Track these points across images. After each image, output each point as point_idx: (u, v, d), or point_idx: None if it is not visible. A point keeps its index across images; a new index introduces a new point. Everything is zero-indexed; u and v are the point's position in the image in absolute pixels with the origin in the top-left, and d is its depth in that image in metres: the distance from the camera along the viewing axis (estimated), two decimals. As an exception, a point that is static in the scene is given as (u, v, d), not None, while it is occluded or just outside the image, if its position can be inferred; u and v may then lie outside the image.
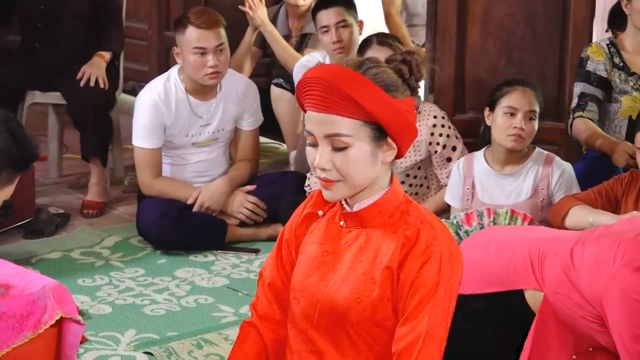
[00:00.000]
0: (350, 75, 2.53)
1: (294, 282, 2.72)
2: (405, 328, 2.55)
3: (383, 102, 2.53)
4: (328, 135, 2.53)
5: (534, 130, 4.52)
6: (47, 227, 5.50)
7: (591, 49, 4.96)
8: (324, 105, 2.52)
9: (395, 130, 2.56)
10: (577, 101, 4.89)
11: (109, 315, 4.62)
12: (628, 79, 4.96)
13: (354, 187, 2.59)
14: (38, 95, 6.10)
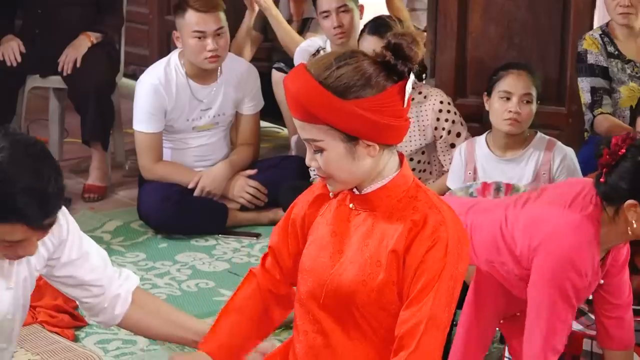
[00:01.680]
0: (308, 85, 2.54)
1: (303, 262, 2.74)
2: (409, 312, 2.57)
3: (334, 109, 2.53)
4: (306, 139, 2.60)
5: (530, 114, 4.51)
6: (48, 211, 5.49)
7: (586, 42, 4.97)
8: (295, 112, 2.59)
9: (360, 132, 2.56)
10: (591, 97, 4.90)
11: (110, 298, 4.62)
12: (624, 67, 4.97)
13: (344, 182, 2.63)
14: (38, 80, 6.12)
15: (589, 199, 3.32)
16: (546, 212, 3.41)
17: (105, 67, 5.98)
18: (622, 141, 3.25)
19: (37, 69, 6.04)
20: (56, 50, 5.90)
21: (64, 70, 5.87)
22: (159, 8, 7.09)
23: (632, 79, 4.95)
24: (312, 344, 2.70)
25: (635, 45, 5.00)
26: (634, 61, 4.96)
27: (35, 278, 2.88)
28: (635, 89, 4.86)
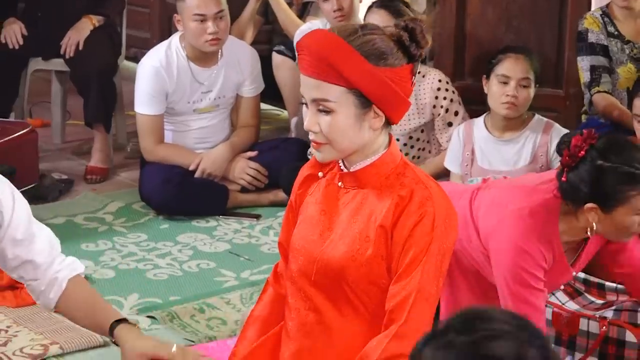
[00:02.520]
0: (336, 44, 2.56)
1: (294, 241, 2.76)
2: (398, 286, 2.59)
3: (365, 71, 2.55)
4: (315, 99, 2.59)
5: (528, 98, 4.54)
6: (50, 193, 5.53)
7: (587, 21, 4.97)
8: (312, 70, 2.57)
9: (378, 99, 2.59)
10: (590, 75, 4.90)
11: (113, 279, 4.66)
12: (624, 47, 4.97)
13: (341, 150, 2.63)
14: (41, 62, 6.12)
15: (552, 188, 3.33)
16: (505, 196, 3.43)
17: (107, 50, 5.99)
18: (582, 142, 3.21)
19: (39, 51, 6.05)
20: (58, 33, 5.91)
21: (66, 53, 5.89)
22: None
23: (631, 59, 4.96)
24: (304, 321, 2.72)
25: (634, 26, 5.00)
26: (633, 42, 4.97)
27: None
28: (632, 71, 4.87)
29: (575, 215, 3.31)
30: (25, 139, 5.47)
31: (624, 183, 3.18)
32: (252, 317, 2.90)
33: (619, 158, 3.18)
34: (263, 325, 2.86)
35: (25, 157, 5.42)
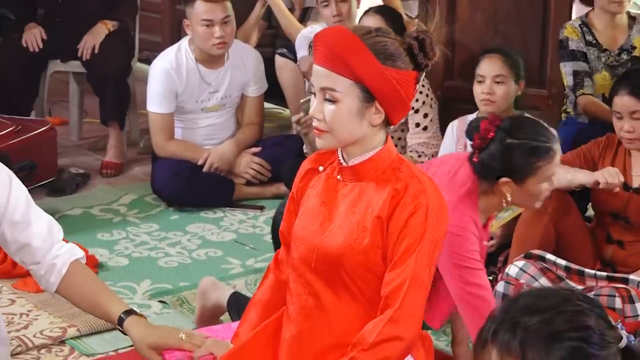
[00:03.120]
0: (350, 39, 2.57)
1: (295, 230, 2.76)
2: (393, 273, 2.59)
3: (372, 67, 2.56)
4: (323, 88, 2.59)
5: (505, 93, 4.48)
6: (68, 186, 5.53)
7: (567, 30, 4.98)
8: (324, 61, 2.58)
9: (382, 95, 2.59)
10: (573, 80, 4.91)
11: (126, 267, 4.66)
12: (600, 55, 4.98)
13: (340, 140, 2.63)
14: (59, 65, 6.13)
15: (467, 173, 3.39)
16: None
17: (121, 53, 5.99)
18: (490, 124, 3.35)
19: (58, 54, 6.06)
20: (76, 37, 5.91)
21: (83, 55, 5.89)
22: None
23: (606, 67, 4.97)
24: (304, 305, 2.71)
25: (611, 36, 5.01)
26: (609, 50, 4.97)
27: None
28: (607, 78, 4.88)
29: (492, 191, 3.39)
30: (45, 136, 5.47)
31: (531, 156, 3.31)
32: (254, 301, 2.90)
33: (523, 134, 3.34)
34: (264, 309, 2.86)
35: (45, 153, 5.41)
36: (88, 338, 3.98)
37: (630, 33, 5.00)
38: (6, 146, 5.11)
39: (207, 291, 3.99)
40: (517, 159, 3.33)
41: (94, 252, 4.71)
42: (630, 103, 3.99)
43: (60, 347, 3.91)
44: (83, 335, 3.98)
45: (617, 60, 4.98)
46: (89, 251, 4.67)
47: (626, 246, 4.13)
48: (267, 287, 2.89)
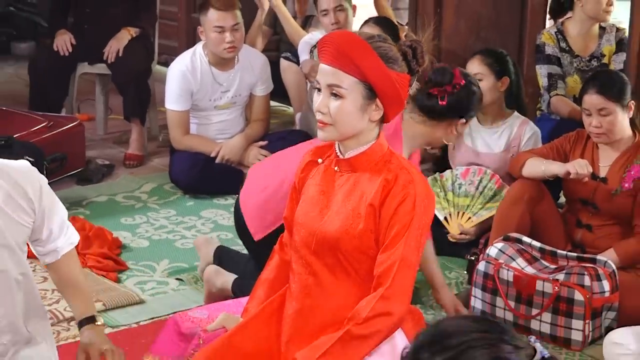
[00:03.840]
0: (358, 42, 2.58)
1: (297, 216, 2.75)
2: (385, 255, 2.59)
3: (378, 68, 2.57)
4: (330, 85, 2.58)
5: (485, 88, 4.37)
6: (95, 176, 5.53)
7: (544, 36, 4.98)
8: (332, 60, 2.57)
9: (383, 93, 2.59)
10: (548, 81, 4.91)
11: (147, 248, 4.66)
12: (573, 60, 4.98)
13: (342, 132, 2.62)
14: (87, 67, 6.13)
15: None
16: None
17: (142, 56, 5.99)
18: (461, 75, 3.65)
19: (86, 57, 6.05)
20: (102, 42, 5.91)
21: (108, 58, 5.89)
22: (186, 7, 7.08)
23: (577, 71, 4.97)
24: (305, 284, 2.71)
25: (583, 43, 5.00)
26: (581, 56, 4.97)
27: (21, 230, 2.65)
28: (578, 81, 4.87)
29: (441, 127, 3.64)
30: (74, 131, 5.47)
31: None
32: (261, 280, 2.89)
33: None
34: (270, 286, 2.85)
35: (74, 146, 5.41)
36: (113, 312, 3.98)
37: (600, 42, 5.00)
38: (40, 140, 5.11)
39: (211, 278, 4.01)
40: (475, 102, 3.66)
41: (117, 235, 4.70)
42: (598, 101, 3.99)
43: (88, 319, 3.91)
44: (108, 309, 3.98)
45: (587, 66, 4.98)
46: (114, 234, 4.68)
47: (594, 230, 4.13)
48: (273, 267, 2.89)
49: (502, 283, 3.90)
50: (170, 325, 2.89)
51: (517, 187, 4.15)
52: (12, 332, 2.63)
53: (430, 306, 4.11)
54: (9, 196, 2.56)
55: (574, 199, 4.19)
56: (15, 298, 2.63)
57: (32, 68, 6.03)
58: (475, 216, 4.34)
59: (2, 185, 2.55)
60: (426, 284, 4.29)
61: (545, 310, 3.80)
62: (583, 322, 3.76)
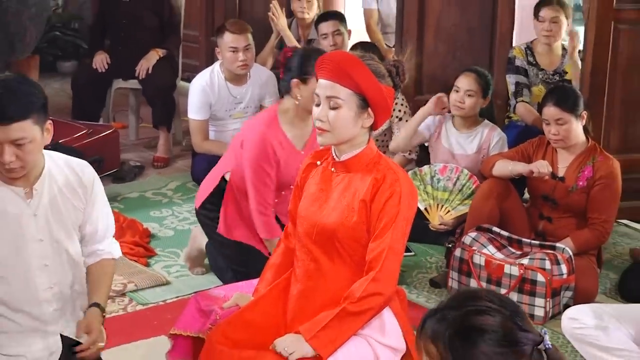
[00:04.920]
0: (353, 59, 2.57)
1: (299, 210, 2.74)
2: (375, 244, 2.58)
3: (370, 81, 2.56)
4: (329, 96, 2.57)
5: (473, 103, 4.43)
6: (128, 175, 5.52)
7: (515, 50, 4.98)
8: (331, 75, 2.56)
9: (375, 103, 2.59)
10: (515, 89, 4.91)
11: (172, 237, 4.65)
12: (538, 73, 4.97)
13: (338, 138, 2.61)
14: (121, 82, 6.11)
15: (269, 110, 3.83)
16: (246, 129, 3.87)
17: (168, 74, 5.98)
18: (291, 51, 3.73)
19: (120, 74, 6.04)
20: (134, 62, 5.90)
21: (139, 75, 5.87)
22: (206, 31, 7.05)
23: (542, 82, 4.96)
24: (307, 268, 2.70)
25: (548, 59, 5.00)
26: (545, 70, 4.96)
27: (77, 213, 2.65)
28: (542, 90, 4.85)
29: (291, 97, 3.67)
30: (110, 137, 5.46)
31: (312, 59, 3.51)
32: (269, 264, 2.88)
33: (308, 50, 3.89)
34: (277, 270, 2.84)
35: (110, 150, 5.40)
36: (143, 291, 3.97)
37: (562, 60, 5.00)
38: (80, 145, 5.11)
39: (197, 236, 4.13)
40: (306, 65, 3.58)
41: (147, 226, 4.69)
42: (556, 112, 3.99)
43: (121, 298, 3.90)
44: (139, 289, 3.98)
45: (550, 79, 4.98)
46: (144, 225, 4.67)
47: (554, 221, 4.12)
48: (279, 253, 2.87)
49: (475, 267, 3.89)
50: (191, 303, 2.88)
51: (488, 185, 4.14)
52: (62, 300, 2.63)
53: (414, 287, 4.11)
54: (68, 182, 2.61)
55: (536, 195, 4.18)
56: (67, 271, 2.64)
57: (74, 83, 6.02)
58: (454, 210, 4.32)
59: (64, 172, 2.61)
60: (410, 268, 4.29)
61: (512, 290, 3.79)
62: (544, 300, 3.75)
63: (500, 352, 1.68)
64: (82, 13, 8.28)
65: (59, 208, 2.59)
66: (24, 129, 2.42)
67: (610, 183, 3.98)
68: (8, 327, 2.56)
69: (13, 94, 2.41)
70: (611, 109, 4.56)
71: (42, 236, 2.55)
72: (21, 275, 2.54)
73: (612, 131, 4.60)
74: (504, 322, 1.69)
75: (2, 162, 2.43)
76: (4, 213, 2.51)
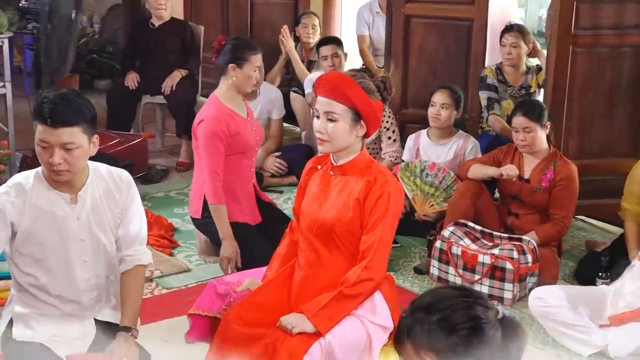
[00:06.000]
0: (347, 79, 2.57)
1: (303, 208, 2.74)
2: (367, 236, 2.58)
3: (362, 98, 2.55)
4: (326, 112, 2.57)
5: (448, 116, 4.46)
6: (155, 177, 5.51)
7: (487, 70, 4.97)
8: (328, 93, 2.56)
9: (366, 116, 2.58)
10: (487, 103, 4.90)
11: (192, 230, 4.58)
12: (507, 89, 4.96)
13: (336, 146, 2.61)
14: (149, 98, 6.08)
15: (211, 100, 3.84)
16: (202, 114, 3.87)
17: (190, 90, 5.95)
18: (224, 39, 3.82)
19: (148, 91, 6.01)
20: (160, 80, 5.87)
21: (165, 92, 5.86)
22: (222, 54, 7.05)
23: (510, 97, 4.96)
24: (308, 257, 2.70)
25: (515, 77, 4.99)
26: (513, 86, 4.95)
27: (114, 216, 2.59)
28: (510, 104, 4.84)
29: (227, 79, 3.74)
30: (139, 145, 5.46)
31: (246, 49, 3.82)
32: (276, 254, 2.86)
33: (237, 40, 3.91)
34: (283, 259, 2.83)
35: (139, 156, 5.40)
36: (168, 277, 3.96)
37: (527, 77, 5.00)
38: (114, 151, 5.12)
39: (199, 231, 4.07)
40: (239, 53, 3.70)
41: (171, 221, 4.68)
42: (524, 121, 3.98)
43: (149, 283, 3.89)
44: (164, 276, 3.97)
45: (517, 94, 4.97)
46: (168, 220, 4.66)
47: (520, 217, 4.11)
48: (285, 245, 2.86)
49: (453, 256, 3.88)
50: (209, 287, 2.87)
51: (464, 186, 4.13)
52: (97, 290, 2.62)
53: (400, 273, 4.09)
54: (108, 189, 2.59)
55: (505, 195, 4.17)
56: (103, 265, 2.62)
57: (109, 99, 6.00)
58: (438, 206, 4.31)
59: (105, 180, 2.59)
60: (397, 257, 4.27)
61: (485, 276, 3.78)
62: (512, 285, 3.74)
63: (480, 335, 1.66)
64: (116, 38, 8.28)
65: (100, 212, 2.56)
66: (73, 134, 2.41)
67: (569, 184, 3.97)
68: (49, 311, 2.55)
69: (67, 104, 2.41)
70: (570, 120, 4.56)
71: (83, 236, 2.54)
72: (64, 269, 2.53)
73: (570, 140, 4.59)
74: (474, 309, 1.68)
75: (52, 163, 2.41)
76: (53, 215, 2.50)
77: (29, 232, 2.47)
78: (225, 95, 3.81)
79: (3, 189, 2.48)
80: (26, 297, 2.54)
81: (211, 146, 3.70)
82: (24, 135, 5.53)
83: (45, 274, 2.52)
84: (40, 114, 2.40)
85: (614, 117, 4.60)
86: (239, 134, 3.77)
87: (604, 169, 4.62)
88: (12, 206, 2.45)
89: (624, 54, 4.54)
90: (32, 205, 2.47)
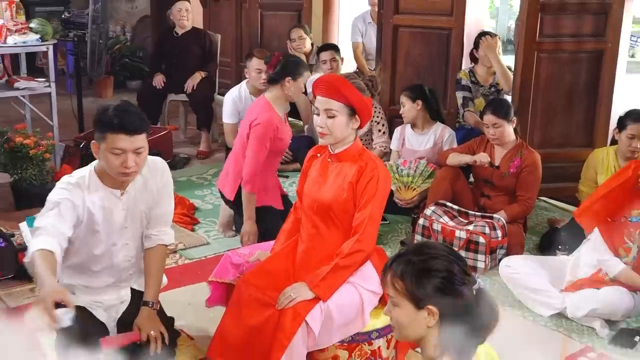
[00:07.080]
0: (342, 80, 2.56)
1: (304, 190, 2.74)
2: (359, 213, 2.57)
3: (356, 95, 2.54)
4: (326, 109, 2.57)
5: (408, 108, 4.42)
6: (179, 164, 5.50)
7: (462, 73, 4.93)
8: (326, 93, 2.55)
9: (360, 111, 2.58)
10: (462, 102, 4.87)
11: (211, 209, 4.62)
12: (479, 89, 4.94)
13: (335, 138, 2.61)
14: (174, 96, 6.06)
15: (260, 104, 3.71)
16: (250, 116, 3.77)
17: (208, 89, 5.93)
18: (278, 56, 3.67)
19: (173, 90, 5.99)
20: (183, 80, 5.86)
21: (187, 90, 5.84)
22: (236, 58, 7.01)
23: (482, 95, 4.93)
24: (309, 232, 2.69)
25: (485, 78, 4.94)
26: (484, 86, 4.92)
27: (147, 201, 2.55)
28: (482, 102, 4.82)
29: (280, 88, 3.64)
30: (165, 136, 5.45)
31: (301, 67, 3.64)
32: (283, 230, 2.86)
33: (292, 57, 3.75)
34: (288, 234, 2.82)
35: (165, 146, 5.39)
36: (190, 249, 3.96)
37: (495, 76, 4.97)
38: (143, 142, 5.08)
39: (225, 207, 4.04)
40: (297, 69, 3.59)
41: (193, 201, 4.67)
42: (493, 118, 3.97)
43: (173, 254, 3.89)
44: (187, 248, 3.97)
45: (488, 92, 4.95)
46: (190, 200, 4.65)
47: (492, 198, 4.10)
48: (290, 221, 2.85)
49: (434, 232, 3.87)
50: (225, 258, 2.87)
51: (443, 171, 4.12)
52: (135, 266, 2.62)
53: (388, 246, 4.09)
54: (146, 179, 2.55)
55: (479, 179, 4.16)
56: (140, 246, 2.60)
57: (139, 97, 5.98)
58: (419, 187, 4.31)
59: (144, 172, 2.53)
60: (386, 233, 4.27)
61: (461, 249, 3.78)
62: (485, 256, 3.74)
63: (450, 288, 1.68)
64: (145, 45, 8.26)
65: (139, 200, 2.53)
66: (143, 139, 2.38)
67: (534, 170, 3.96)
68: (92, 283, 2.55)
69: (134, 113, 2.37)
70: (534, 115, 4.55)
71: (127, 224, 2.52)
72: (108, 252, 2.52)
73: (535, 132, 4.59)
74: (452, 265, 1.70)
75: (126, 167, 2.35)
76: (106, 209, 2.46)
77: (86, 223, 2.44)
78: (276, 102, 3.74)
79: (65, 185, 2.42)
80: (71, 274, 2.54)
81: (261, 146, 3.65)
82: (66, 128, 5.55)
83: (92, 257, 2.51)
84: (113, 124, 2.31)
85: (572, 113, 4.60)
86: (281, 139, 3.72)
87: (564, 157, 4.62)
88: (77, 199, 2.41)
89: (582, 58, 4.54)
90: (89, 200, 2.44)
